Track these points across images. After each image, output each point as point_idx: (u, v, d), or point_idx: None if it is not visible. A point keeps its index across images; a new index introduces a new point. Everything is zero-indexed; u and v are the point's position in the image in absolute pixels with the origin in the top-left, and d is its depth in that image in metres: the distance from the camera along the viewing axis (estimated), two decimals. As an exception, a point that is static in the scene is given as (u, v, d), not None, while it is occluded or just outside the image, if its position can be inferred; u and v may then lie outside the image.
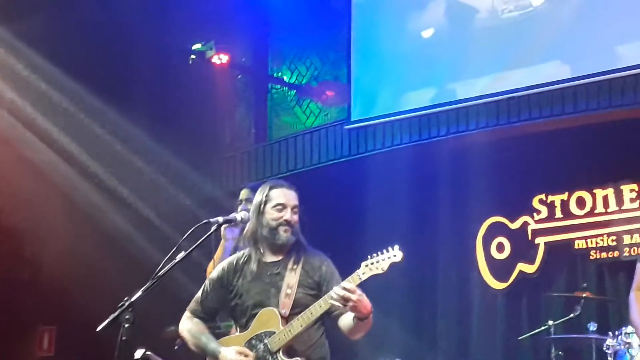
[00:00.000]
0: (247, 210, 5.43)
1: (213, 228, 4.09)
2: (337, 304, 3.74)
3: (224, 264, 4.23)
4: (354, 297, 3.71)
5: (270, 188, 4.15)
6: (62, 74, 8.54)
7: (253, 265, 4.12)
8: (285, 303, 3.99)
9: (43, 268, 9.15)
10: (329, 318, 3.97)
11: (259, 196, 4.15)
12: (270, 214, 4.08)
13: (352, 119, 8.12)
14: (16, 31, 8.41)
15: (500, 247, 7.62)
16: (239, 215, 4.09)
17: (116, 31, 8.75)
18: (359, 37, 8.26)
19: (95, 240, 8.69)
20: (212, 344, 4.09)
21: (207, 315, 4.20)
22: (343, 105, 8.53)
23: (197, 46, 9.48)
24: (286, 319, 3.96)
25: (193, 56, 9.51)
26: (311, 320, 3.90)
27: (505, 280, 7.53)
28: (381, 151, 7.90)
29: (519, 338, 6.71)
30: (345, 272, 3.92)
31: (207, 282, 4.23)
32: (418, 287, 7.87)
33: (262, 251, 4.13)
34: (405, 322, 7.80)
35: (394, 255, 3.84)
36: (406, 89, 7.87)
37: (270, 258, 4.12)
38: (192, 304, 4.22)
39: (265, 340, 3.97)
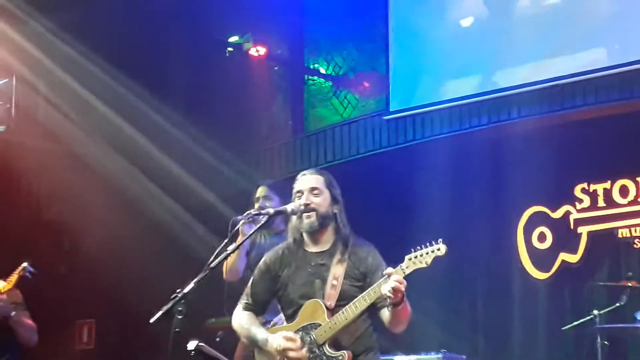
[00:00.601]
0: (263, 208, 5.41)
1: (263, 220, 4.09)
2: (390, 295, 3.70)
3: (270, 254, 4.23)
4: (403, 288, 3.70)
5: (296, 178, 4.18)
6: (101, 66, 8.60)
7: (297, 256, 4.12)
8: (331, 295, 3.98)
9: (82, 261, 9.21)
10: (373, 311, 3.95)
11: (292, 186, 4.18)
12: (295, 203, 4.10)
13: (390, 110, 8.08)
14: (55, 25, 8.47)
15: (542, 237, 7.54)
16: (289, 207, 4.07)
17: (153, 24, 8.79)
18: (396, 27, 8.20)
19: (134, 232, 8.72)
20: (261, 334, 4.09)
21: (258, 307, 4.21)
22: (381, 96, 8.49)
23: (234, 38, 9.49)
24: (332, 311, 3.95)
25: (230, 49, 9.52)
26: (356, 313, 3.89)
27: (548, 270, 7.45)
28: (421, 141, 7.86)
29: (563, 328, 6.63)
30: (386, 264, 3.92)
31: (255, 273, 4.24)
32: (459, 278, 7.81)
33: (305, 241, 4.13)
34: (447, 314, 7.75)
35: (438, 249, 3.82)
36: (446, 78, 7.82)
37: (314, 248, 4.12)
38: (243, 297, 4.24)
39: (312, 333, 3.96)
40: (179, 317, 3.58)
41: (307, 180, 4.12)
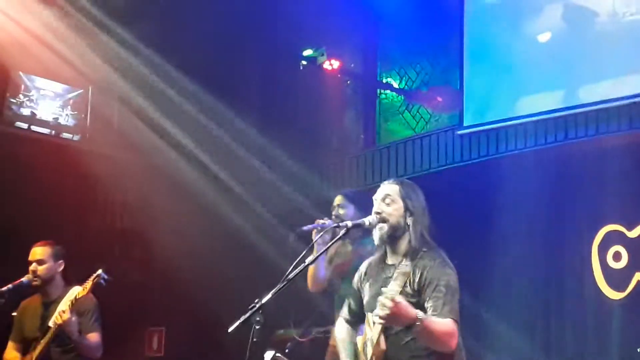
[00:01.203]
0: (338, 217, 5.41)
1: (342, 232, 4.05)
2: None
3: (361, 266, 4.20)
4: (385, 312, 3.60)
5: None
6: (176, 77, 8.70)
7: (376, 268, 4.10)
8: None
9: (153, 269, 9.31)
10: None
11: None
12: (371, 216, 4.04)
13: (464, 125, 8.01)
14: (131, 36, 8.60)
15: (617, 256, 7.39)
16: (367, 219, 4.03)
17: (229, 36, 8.87)
18: (471, 41, 8.15)
19: (207, 242, 8.78)
20: (342, 354, 4.14)
21: (354, 319, 4.21)
22: (454, 110, 8.43)
23: (308, 52, 9.53)
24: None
25: (304, 62, 9.57)
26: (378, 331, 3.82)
27: (623, 290, 7.29)
28: (495, 157, 7.77)
29: (639, 350, 6.50)
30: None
31: (352, 287, 4.24)
32: (532, 297, 7.70)
33: (386, 253, 4.08)
34: (520, 333, 7.64)
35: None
36: (521, 94, 7.73)
37: (390, 260, 4.06)
38: (343, 309, 4.27)
39: (366, 350, 3.94)
40: (257, 327, 3.59)
41: (382, 189, 4.08)
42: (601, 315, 7.41)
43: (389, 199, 4.01)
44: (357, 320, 4.18)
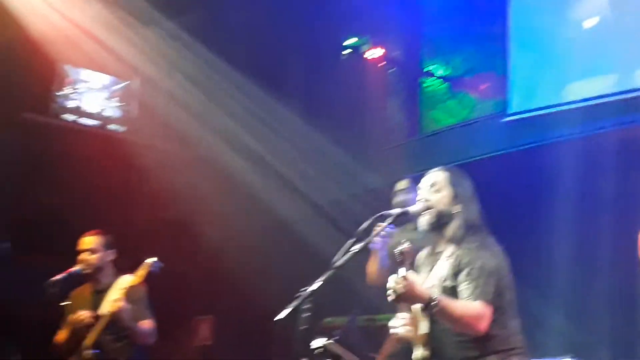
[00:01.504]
0: (401, 202, 5.39)
1: (389, 220, 4.05)
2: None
3: (417, 256, 4.17)
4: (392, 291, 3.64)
5: None
6: (222, 68, 8.76)
7: (427, 256, 4.09)
8: None
9: (200, 259, 9.38)
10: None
11: None
12: (418, 204, 4.03)
13: (510, 111, 7.96)
14: (177, 27, 8.67)
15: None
16: (413, 207, 4.02)
17: (273, 26, 8.91)
18: (516, 26, 8.10)
19: (254, 231, 8.84)
20: None
21: None
22: (499, 97, 8.37)
23: (352, 41, 9.51)
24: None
25: (348, 50, 9.55)
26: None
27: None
28: (541, 144, 7.70)
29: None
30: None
31: None
32: (584, 285, 7.63)
33: (435, 241, 4.06)
34: (573, 321, 7.59)
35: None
36: (569, 79, 7.66)
37: (439, 248, 4.04)
38: None
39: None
40: (305, 314, 3.60)
41: (429, 177, 4.05)
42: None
43: (436, 187, 3.98)
44: None
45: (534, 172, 7.66)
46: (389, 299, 3.66)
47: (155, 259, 5.91)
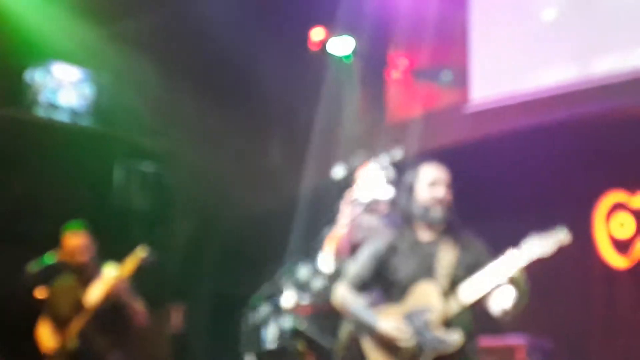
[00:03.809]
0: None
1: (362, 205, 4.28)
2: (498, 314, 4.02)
3: (379, 241, 4.33)
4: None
5: (421, 166, 4.26)
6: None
7: (407, 243, 4.22)
8: (444, 281, 4.10)
9: (173, 248, 9.49)
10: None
11: (410, 175, 4.27)
12: (423, 192, 4.18)
13: (471, 102, 8.15)
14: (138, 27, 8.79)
15: (621, 225, 7.55)
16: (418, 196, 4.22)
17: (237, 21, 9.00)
18: (477, 17, 8.28)
19: (226, 221, 8.93)
20: (367, 311, 4.21)
21: (359, 289, 4.31)
22: (461, 87, 8.52)
23: (318, 32, 9.53)
24: (445, 297, 4.06)
25: (315, 43, 9.59)
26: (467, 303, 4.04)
27: (629, 259, 7.47)
28: (503, 134, 7.88)
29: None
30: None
31: (363, 256, 4.35)
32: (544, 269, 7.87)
33: (415, 230, 4.22)
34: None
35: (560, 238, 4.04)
36: (529, 69, 7.85)
37: (424, 237, 4.21)
38: (348, 276, 4.37)
39: (423, 316, 4.07)
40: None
41: (443, 174, 4.25)
42: (606, 285, 7.59)
43: (447, 182, 4.22)
44: (359, 290, 4.30)
45: (495, 162, 7.86)
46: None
47: (147, 253, 6.03)
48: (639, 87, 7.03)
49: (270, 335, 5.75)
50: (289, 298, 5.28)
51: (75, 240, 6.19)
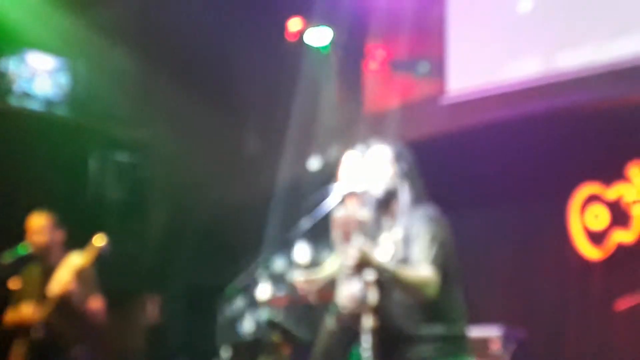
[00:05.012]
0: None
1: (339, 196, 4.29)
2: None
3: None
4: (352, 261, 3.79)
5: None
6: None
7: (370, 230, 4.16)
8: None
9: (148, 238, 9.48)
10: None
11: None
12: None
13: (448, 93, 8.18)
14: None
15: (596, 217, 7.60)
16: (361, 185, 4.16)
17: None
18: (454, 9, 8.30)
19: (200, 210, 8.93)
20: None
21: None
22: (438, 79, 8.56)
23: (295, 22, 9.52)
24: None
25: (293, 33, 9.58)
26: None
27: (602, 251, 7.52)
28: (478, 125, 7.90)
29: (617, 310, 6.72)
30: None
31: None
32: (518, 258, 7.94)
33: (379, 215, 4.16)
34: (503, 291, 7.89)
35: None
36: (503, 60, 7.88)
37: (384, 222, 4.13)
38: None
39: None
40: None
41: (373, 153, 4.16)
42: (581, 276, 7.65)
43: (382, 163, 4.09)
44: None
45: (471, 153, 7.89)
46: (346, 268, 3.82)
47: (104, 241, 5.96)
48: (615, 79, 7.07)
49: (246, 327, 5.76)
50: (264, 290, 5.27)
51: (36, 221, 6.20)
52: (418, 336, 3.90)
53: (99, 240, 5.97)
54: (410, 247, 3.92)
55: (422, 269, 3.83)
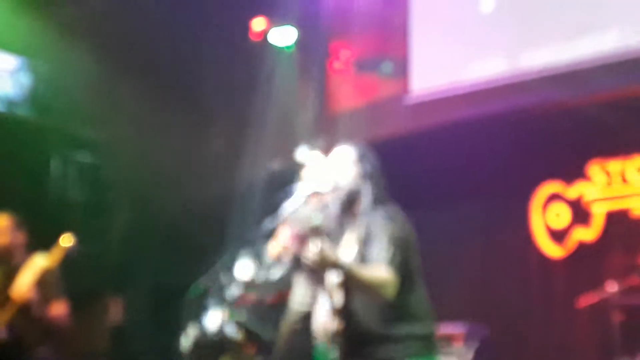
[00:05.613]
0: None
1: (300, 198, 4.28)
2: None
3: None
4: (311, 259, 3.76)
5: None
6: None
7: (332, 230, 4.13)
8: None
9: (111, 239, 9.44)
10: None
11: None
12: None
13: (411, 93, 8.22)
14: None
15: (557, 215, 7.68)
16: (323, 186, 4.17)
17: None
18: (417, 8, 8.35)
19: (164, 212, 8.90)
20: None
21: None
22: (402, 78, 8.60)
23: (259, 22, 9.51)
24: None
25: (257, 33, 9.57)
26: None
27: (563, 249, 7.60)
28: (442, 125, 7.94)
29: (578, 307, 6.79)
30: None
31: None
32: (483, 255, 7.99)
33: (342, 216, 4.13)
34: (467, 290, 7.95)
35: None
36: (467, 60, 7.94)
37: (346, 222, 4.11)
38: None
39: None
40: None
41: (336, 154, 4.14)
42: (542, 274, 7.73)
43: (344, 164, 4.07)
44: None
45: (434, 152, 7.93)
46: (305, 267, 3.83)
47: (71, 241, 5.90)
48: (577, 79, 7.15)
49: (210, 326, 5.74)
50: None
51: None
52: (385, 336, 3.88)
53: (67, 241, 5.91)
54: (369, 247, 3.91)
55: (380, 269, 3.81)
